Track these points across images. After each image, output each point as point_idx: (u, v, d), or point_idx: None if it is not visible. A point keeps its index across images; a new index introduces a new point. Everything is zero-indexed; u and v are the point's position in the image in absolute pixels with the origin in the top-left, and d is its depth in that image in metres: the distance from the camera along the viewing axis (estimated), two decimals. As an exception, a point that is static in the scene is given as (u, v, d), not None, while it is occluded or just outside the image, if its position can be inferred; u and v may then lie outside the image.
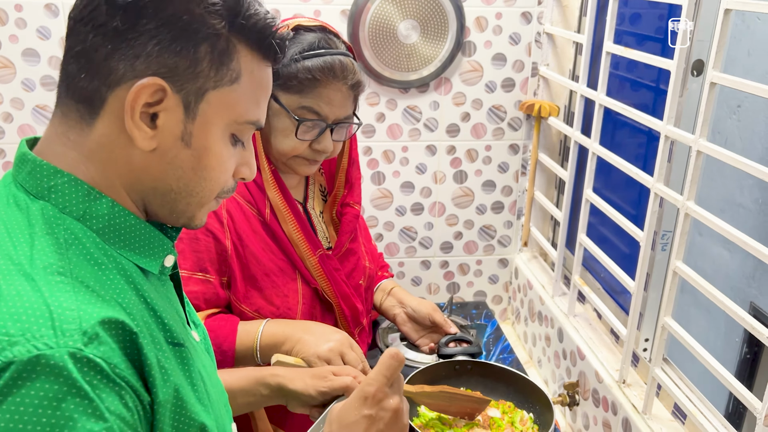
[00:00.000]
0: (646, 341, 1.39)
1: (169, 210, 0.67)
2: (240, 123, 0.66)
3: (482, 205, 1.92)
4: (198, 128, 0.63)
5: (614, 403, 1.32)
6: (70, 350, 0.52)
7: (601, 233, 1.66)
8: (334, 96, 1.12)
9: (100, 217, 0.62)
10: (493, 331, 1.68)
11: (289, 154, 1.14)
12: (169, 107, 0.61)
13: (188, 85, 0.61)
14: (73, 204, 0.61)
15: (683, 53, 1.14)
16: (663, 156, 1.18)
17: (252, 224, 1.16)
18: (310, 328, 1.12)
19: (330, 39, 1.12)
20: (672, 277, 1.14)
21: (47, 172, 0.61)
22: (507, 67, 1.78)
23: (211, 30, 0.61)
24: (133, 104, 0.60)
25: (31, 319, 0.53)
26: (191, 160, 0.64)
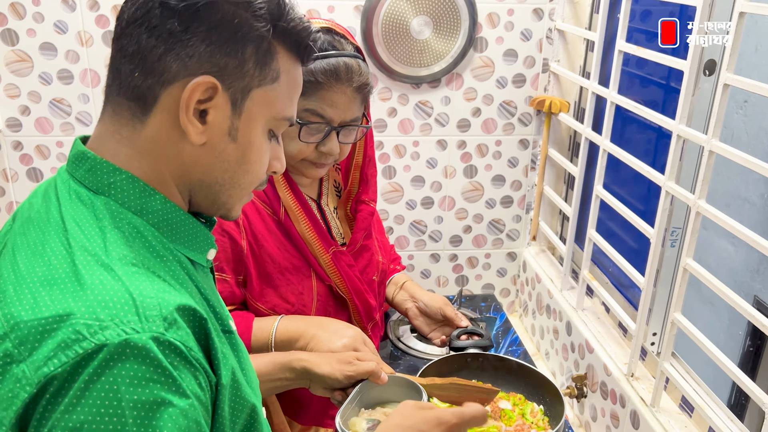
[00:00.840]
0: (653, 335, 1.42)
1: (212, 201, 0.71)
2: (278, 119, 0.71)
3: (492, 199, 1.94)
4: (243, 124, 0.67)
5: (622, 395, 1.34)
6: (154, 335, 0.56)
7: (608, 227, 1.68)
8: (338, 99, 1.10)
9: (155, 213, 0.66)
10: (502, 324, 1.71)
11: (296, 157, 1.13)
12: (218, 104, 0.65)
13: (236, 83, 0.65)
14: (131, 200, 0.65)
15: (696, 53, 1.15)
16: (675, 155, 1.20)
17: (267, 223, 1.17)
18: (324, 324, 1.14)
19: (336, 40, 1.11)
20: (682, 274, 1.17)
21: (106, 170, 0.65)
22: (518, 63, 1.80)
23: (257, 32, 0.65)
24: (188, 101, 0.64)
25: (118, 305, 0.56)
26: (237, 154, 0.68)
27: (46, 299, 0.56)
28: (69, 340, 0.54)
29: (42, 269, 0.59)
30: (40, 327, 0.55)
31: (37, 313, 0.56)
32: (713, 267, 1.91)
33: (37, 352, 0.54)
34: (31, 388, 0.53)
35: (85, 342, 0.54)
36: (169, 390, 0.56)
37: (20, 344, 0.55)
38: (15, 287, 0.59)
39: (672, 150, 1.20)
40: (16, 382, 0.54)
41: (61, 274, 0.58)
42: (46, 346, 0.54)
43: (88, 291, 0.57)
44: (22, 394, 0.53)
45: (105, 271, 0.59)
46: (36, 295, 0.57)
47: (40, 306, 0.56)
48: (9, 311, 0.57)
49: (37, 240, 0.62)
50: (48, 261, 0.60)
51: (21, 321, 0.56)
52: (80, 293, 0.57)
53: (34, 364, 0.54)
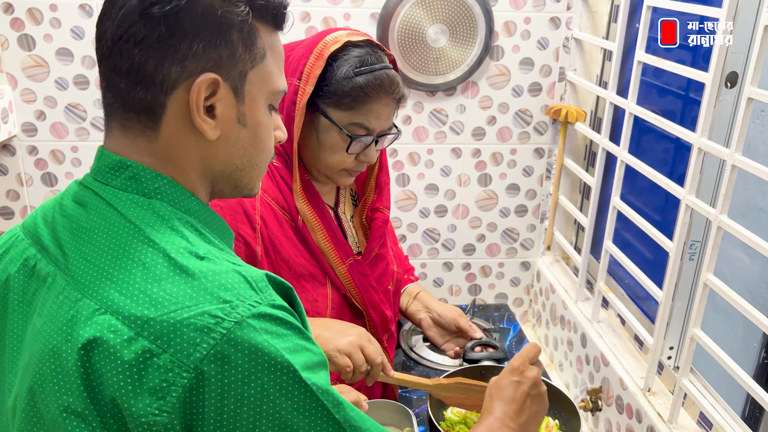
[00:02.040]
0: (670, 349, 1.40)
1: (234, 185, 0.74)
2: (275, 93, 0.72)
3: (506, 208, 1.93)
4: (248, 108, 0.69)
5: (639, 410, 1.33)
6: (269, 302, 0.62)
7: (623, 238, 1.67)
8: (382, 110, 1.13)
9: (195, 212, 0.69)
10: (516, 335, 1.69)
11: (337, 167, 1.16)
12: (222, 96, 0.66)
13: (232, 72, 0.67)
14: (178, 202, 0.68)
15: (718, 65, 1.14)
16: (695, 168, 1.19)
17: (285, 229, 1.17)
18: (328, 325, 1.14)
19: (377, 54, 1.13)
20: (702, 289, 1.15)
21: (150, 176, 0.67)
22: (534, 72, 1.78)
23: (238, 17, 0.66)
24: (196, 102, 0.65)
25: (236, 285, 0.61)
26: (249, 137, 0.71)
27: (163, 294, 0.59)
28: (210, 324, 0.57)
29: (140, 271, 0.61)
30: (171, 320, 0.57)
31: (162, 309, 0.58)
32: (728, 277, 1.89)
33: (179, 342, 0.57)
34: (188, 374, 0.56)
35: (225, 322, 0.58)
36: (305, 339, 0.63)
37: (156, 339, 0.57)
38: (120, 291, 0.60)
39: (692, 163, 1.19)
40: (166, 371, 0.56)
41: (164, 270, 0.61)
42: (186, 335, 0.57)
43: (202, 279, 0.60)
44: (179, 380, 0.56)
45: (205, 261, 0.62)
46: (149, 293, 0.59)
47: (161, 302, 0.58)
48: (130, 313, 0.58)
49: (115, 246, 0.63)
50: (142, 262, 0.61)
51: (149, 319, 0.58)
52: (194, 282, 0.60)
53: (181, 352, 0.56)
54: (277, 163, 1.17)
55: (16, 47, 1.62)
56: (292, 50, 1.15)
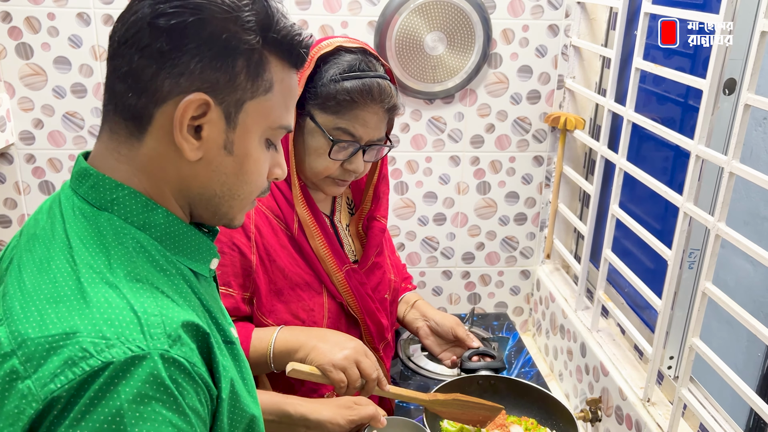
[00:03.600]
0: (670, 359, 1.38)
1: (213, 213, 0.72)
2: (274, 128, 0.70)
3: (505, 216, 1.92)
4: (239, 137, 0.67)
5: (638, 421, 1.31)
6: (160, 351, 0.57)
7: (623, 246, 1.65)
8: (370, 118, 1.12)
9: (157, 226, 0.67)
10: (515, 344, 1.68)
11: (322, 174, 1.15)
12: (212, 119, 0.65)
13: (228, 97, 0.65)
14: (134, 215, 0.66)
15: (716, 72, 1.13)
16: (693, 175, 1.18)
17: (279, 238, 1.16)
18: (325, 336, 1.12)
19: (370, 61, 1.12)
20: (701, 298, 1.14)
21: (109, 186, 0.66)
22: (533, 80, 1.78)
23: (246, 45, 0.65)
24: (181, 119, 0.64)
25: (123, 324, 0.57)
26: (234, 166, 0.68)
27: (53, 317, 0.57)
28: (76, 357, 0.55)
29: (48, 287, 0.59)
30: (46, 344, 0.55)
31: (44, 331, 0.56)
32: (731, 286, 1.87)
33: (43, 369, 0.55)
34: (37, 404, 0.54)
35: (92, 360, 0.55)
36: (170, 408, 0.57)
37: (26, 361, 0.55)
38: (22, 304, 0.59)
39: (690, 170, 1.18)
40: (22, 398, 0.54)
41: (67, 291, 0.59)
42: (52, 363, 0.55)
43: (93, 309, 0.57)
44: (28, 410, 0.54)
45: (110, 289, 0.59)
46: (43, 312, 0.57)
47: (47, 323, 0.57)
48: (16, 328, 0.57)
49: (43, 257, 0.62)
50: (54, 278, 0.60)
51: (28, 338, 0.56)
52: (86, 311, 0.57)
53: (40, 380, 0.54)
54: None
55: (14, 56, 1.62)
56: None
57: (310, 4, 1.64)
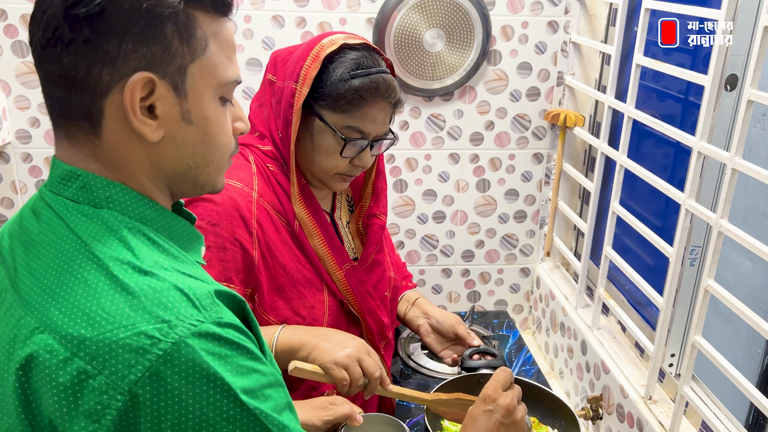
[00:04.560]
0: (672, 356, 1.38)
1: (193, 185, 0.70)
2: (224, 84, 0.68)
3: (505, 214, 1.91)
4: (193, 104, 0.65)
5: (640, 419, 1.30)
6: (214, 320, 0.59)
7: (623, 243, 1.65)
8: (377, 114, 1.12)
9: (152, 219, 0.67)
10: (515, 342, 1.67)
11: (331, 171, 1.15)
12: (161, 95, 0.63)
13: (169, 68, 0.62)
14: (131, 209, 0.65)
15: (717, 68, 1.12)
16: (695, 172, 1.17)
17: (281, 234, 1.16)
18: (327, 335, 1.11)
19: (374, 57, 1.12)
20: (703, 296, 1.13)
21: (101, 184, 0.64)
22: (532, 76, 1.77)
23: (169, 9, 0.62)
24: (131, 103, 0.61)
25: (176, 304, 0.58)
26: (198, 135, 0.67)
27: (102, 314, 0.57)
28: (145, 345, 0.55)
29: (81, 288, 0.59)
30: (107, 340, 0.56)
31: (99, 329, 0.56)
32: (731, 283, 1.87)
33: (114, 363, 0.55)
34: (123, 396, 0.55)
35: (162, 343, 0.56)
36: (252, 359, 0.60)
37: (92, 360, 0.55)
38: (60, 309, 0.58)
39: (692, 167, 1.17)
40: (101, 393, 0.55)
41: (104, 287, 0.58)
42: (121, 356, 0.55)
43: (141, 297, 0.58)
44: (114, 403, 0.55)
45: (147, 277, 0.60)
46: (88, 312, 0.57)
47: (99, 322, 0.57)
48: (67, 333, 0.57)
49: (59, 260, 0.61)
50: (84, 279, 0.59)
51: (85, 339, 0.56)
52: (134, 301, 0.58)
53: (115, 374, 0.55)
54: (272, 167, 1.15)
55: (10, 54, 1.60)
56: (289, 55, 1.14)
57: (308, 1, 1.63)
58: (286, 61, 1.13)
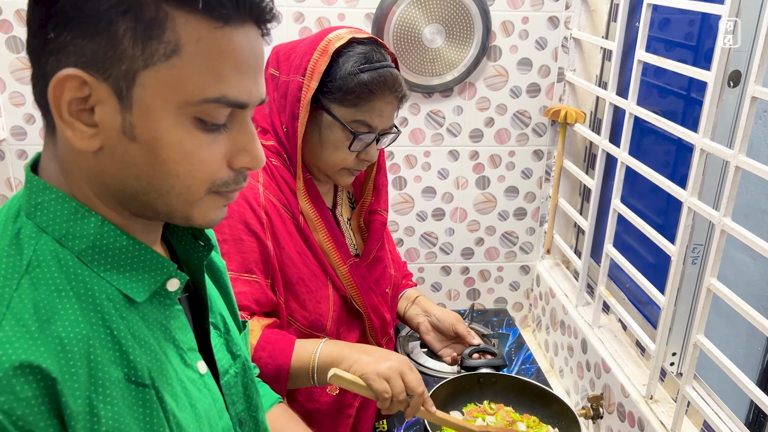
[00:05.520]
0: (673, 355, 1.37)
1: (153, 211, 0.60)
2: (195, 103, 0.55)
3: (504, 211, 1.90)
4: (138, 118, 0.54)
5: (641, 419, 1.29)
6: None
7: (624, 241, 1.63)
8: (385, 108, 1.11)
9: (84, 237, 0.58)
10: (515, 340, 1.66)
11: (338, 165, 1.14)
12: (101, 99, 0.54)
13: (113, 70, 0.53)
14: (56, 223, 0.57)
15: (721, 64, 1.11)
16: (697, 169, 1.15)
17: (288, 227, 1.15)
18: (368, 350, 1.09)
19: (381, 51, 1.12)
20: (706, 295, 1.12)
21: (37, 189, 0.58)
22: (533, 73, 1.75)
23: (128, 2, 0.52)
24: (56, 102, 0.53)
25: None
26: (144, 156, 0.56)
27: None
28: None
29: None
30: None
31: None
32: (731, 280, 1.86)
33: None
34: None
35: None
36: None
37: None
38: None
39: (695, 164, 1.16)
40: None
41: None
42: None
43: None
44: None
45: None
46: None
47: None
48: None
49: None
50: None
51: None
52: None
53: None
54: (275, 161, 1.14)
55: (4, 49, 1.59)
56: (292, 49, 1.13)
57: (307, -4, 1.62)
58: (290, 56, 1.12)
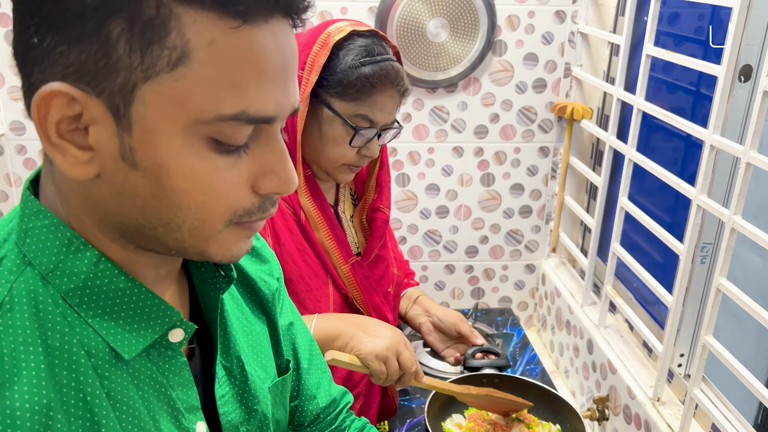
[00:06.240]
0: (681, 356, 1.34)
1: (162, 247, 0.51)
2: (208, 122, 0.46)
3: (509, 208, 1.87)
4: (139, 140, 0.46)
5: (647, 421, 1.26)
6: None
7: (631, 240, 1.61)
8: (387, 102, 1.09)
9: (74, 275, 0.50)
10: (520, 340, 1.64)
11: (339, 162, 1.11)
12: (95, 118, 0.45)
13: (106, 83, 0.44)
14: (45, 255, 0.49)
15: (731, 58, 1.08)
16: (707, 166, 1.12)
17: (288, 223, 1.13)
18: (362, 324, 1.09)
19: (382, 44, 1.09)
20: (715, 295, 1.09)
21: (30, 211, 0.50)
22: (539, 68, 1.73)
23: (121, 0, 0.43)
24: (41, 122, 0.45)
25: None
26: (147, 185, 0.47)
27: None
28: None
29: None
30: None
31: None
32: (740, 280, 1.83)
33: None
34: None
35: None
36: None
37: None
38: None
39: (704, 161, 1.13)
40: None
41: None
42: None
43: None
44: None
45: None
46: None
47: None
48: None
49: None
50: None
51: None
52: None
53: None
54: None
55: (4, 43, 1.57)
56: None
57: (309, -10, 1.59)
58: None
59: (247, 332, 0.67)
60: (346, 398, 0.88)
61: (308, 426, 0.82)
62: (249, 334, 0.68)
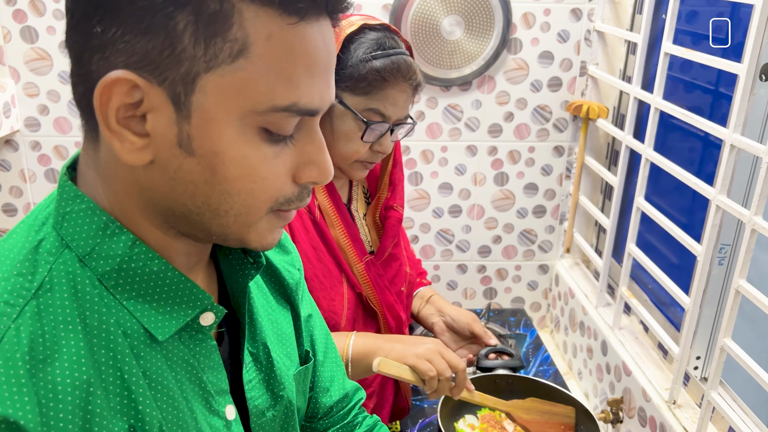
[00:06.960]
0: (697, 359, 1.32)
1: (205, 232, 0.53)
2: (262, 112, 0.48)
3: (523, 208, 1.86)
4: (197, 128, 0.48)
5: (663, 424, 1.25)
6: None
7: (646, 240, 1.59)
8: (399, 97, 1.08)
9: (110, 258, 0.51)
10: (533, 341, 1.62)
11: (352, 157, 1.10)
12: (154, 105, 0.47)
13: (170, 72, 0.46)
14: (81, 238, 0.51)
15: (753, 56, 1.06)
16: (727, 166, 1.11)
17: (303, 220, 1.12)
18: (400, 339, 1.10)
19: (394, 38, 1.08)
20: (734, 297, 1.07)
21: (68, 195, 0.52)
22: (554, 66, 1.71)
23: None
24: (103, 109, 0.47)
25: None
26: (201, 172, 0.49)
27: None
28: None
29: None
30: None
31: None
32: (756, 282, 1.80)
33: None
34: None
35: None
36: None
37: None
38: None
39: (724, 161, 1.11)
40: None
41: None
42: None
43: None
44: None
45: None
46: None
47: None
48: None
49: None
50: None
51: None
52: None
53: None
54: None
55: (19, 39, 1.57)
56: None
57: (323, -13, 1.59)
58: None
59: (272, 320, 0.69)
60: (359, 394, 0.88)
61: (321, 419, 0.82)
62: (274, 323, 0.69)
